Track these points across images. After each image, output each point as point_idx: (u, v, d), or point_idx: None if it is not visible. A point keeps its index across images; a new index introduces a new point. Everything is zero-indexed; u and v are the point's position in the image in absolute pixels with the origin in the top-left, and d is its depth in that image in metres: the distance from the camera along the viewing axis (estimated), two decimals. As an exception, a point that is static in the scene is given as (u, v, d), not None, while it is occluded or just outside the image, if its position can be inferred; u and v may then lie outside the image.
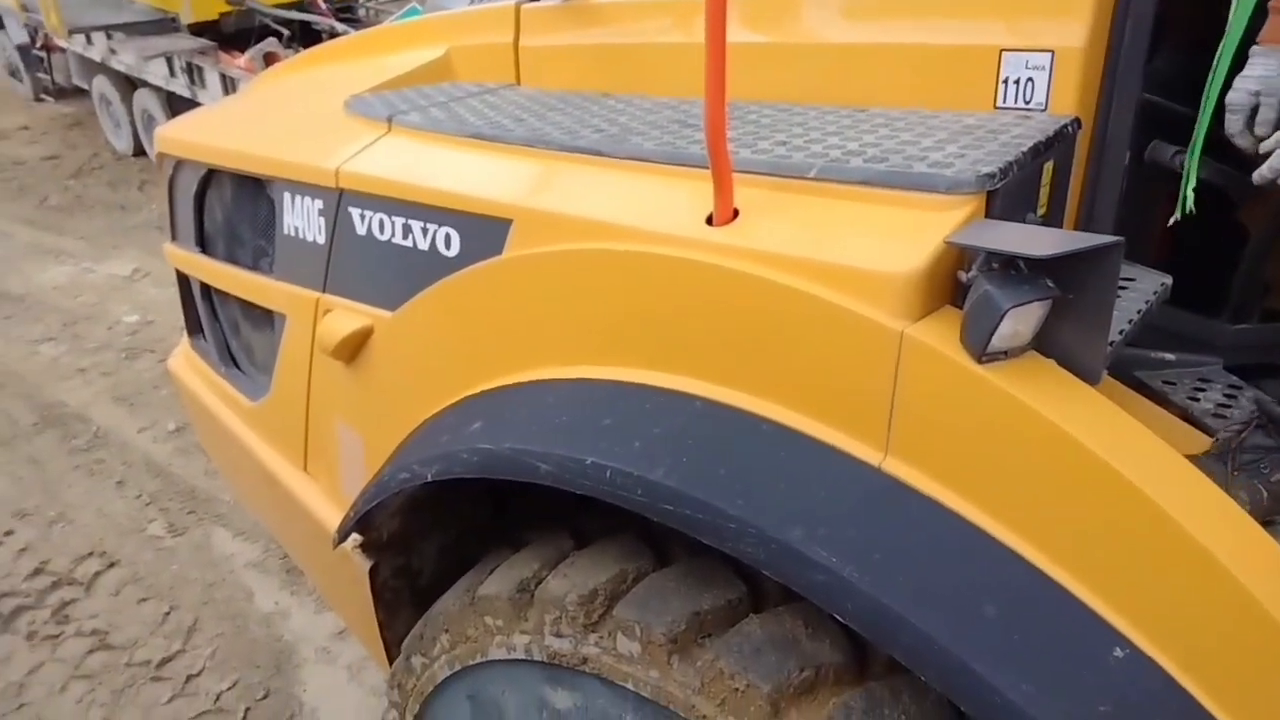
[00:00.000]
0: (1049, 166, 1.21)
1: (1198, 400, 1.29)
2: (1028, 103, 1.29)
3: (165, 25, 6.86)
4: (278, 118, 2.02)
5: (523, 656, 1.27)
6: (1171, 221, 1.20)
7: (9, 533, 3.57)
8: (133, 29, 6.97)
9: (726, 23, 1.04)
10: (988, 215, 1.08)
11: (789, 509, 1.02)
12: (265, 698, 2.80)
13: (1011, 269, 0.97)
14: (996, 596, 0.95)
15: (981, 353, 0.95)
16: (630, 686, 1.14)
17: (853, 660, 1.08)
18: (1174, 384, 1.40)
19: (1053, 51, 1.26)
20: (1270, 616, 0.89)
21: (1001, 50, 1.31)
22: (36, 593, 3.27)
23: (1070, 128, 1.25)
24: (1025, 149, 1.15)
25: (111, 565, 3.41)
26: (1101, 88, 1.27)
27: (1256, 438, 1.17)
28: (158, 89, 7.06)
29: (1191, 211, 1.21)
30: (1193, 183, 1.06)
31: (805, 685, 1.04)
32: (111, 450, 4.13)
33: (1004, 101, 1.31)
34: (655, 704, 1.12)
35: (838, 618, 0.97)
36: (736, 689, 1.05)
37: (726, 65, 1.05)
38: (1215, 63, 1.02)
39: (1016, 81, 1.30)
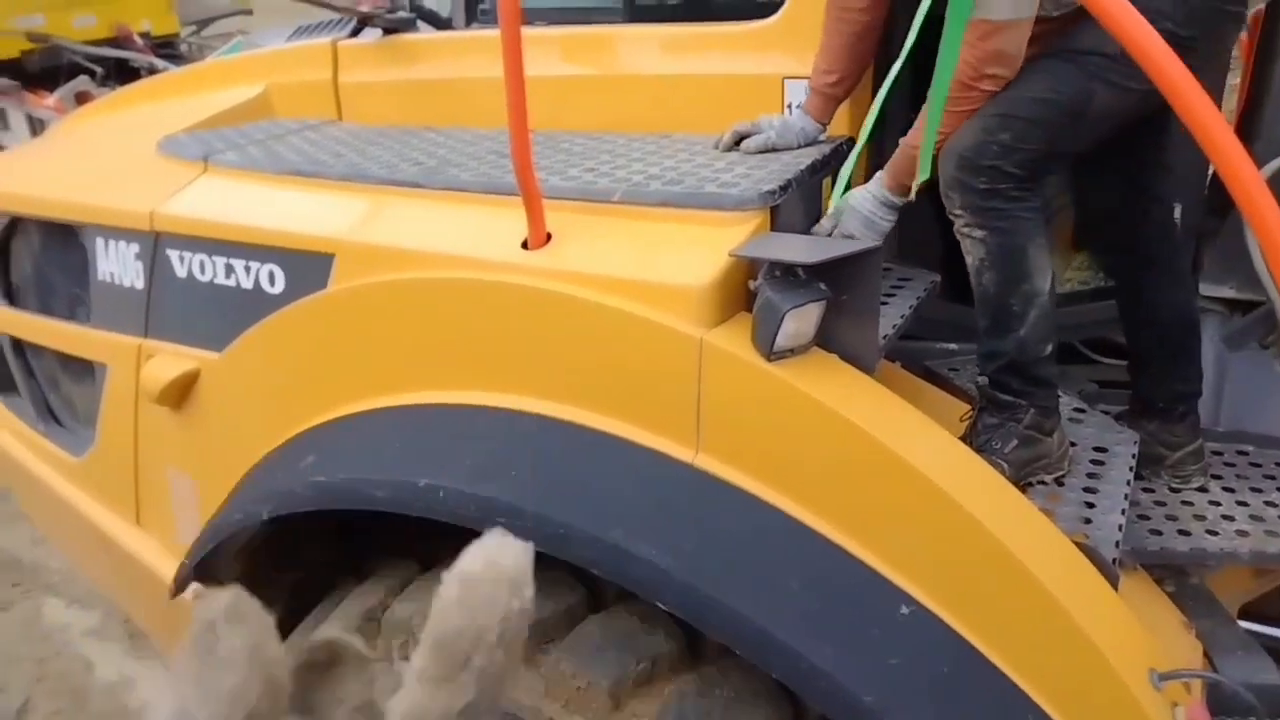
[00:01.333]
0: (827, 181, 1.37)
1: (977, 384, 1.47)
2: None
3: (-41, 64, 6.34)
4: (87, 161, 1.96)
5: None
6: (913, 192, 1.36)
7: None
8: (-78, 69, 6.41)
9: (523, 57, 1.12)
10: (773, 228, 1.22)
11: (611, 510, 1.10)
12: (113, 775, 2.64)
13: (791, 275, 1.09)
14: (798, 572, 1.07)
15: (769, 351, 1.07)
16: (479, 697, 1.19)
17: (685, 648, 1.17)
18: (958, 370, 1.59)
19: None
20: (1023, 566, 1.04)
21: (784, 79, 1.47)
22: None
23: (844, 146, 1.41)
24: (804, 167, 1.29)
25: (-78, 654, 3.12)
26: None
27: (984, 418, 1.35)
28: (-47, 132, 6.52)
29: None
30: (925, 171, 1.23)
31: (643, 677, 1.12)
32: (-83, 527, 3.78)
33: (793, 122, 1.46)
34: (505, 712, 1.17)
35: (662, 607, 1.06)
36: (579, 688, 1.12)
37: (526, 98, 1.13)
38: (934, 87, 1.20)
39: (800, 106, 1.46)
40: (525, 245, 1.23)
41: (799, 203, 1.28)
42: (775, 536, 1.08)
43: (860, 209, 1.28)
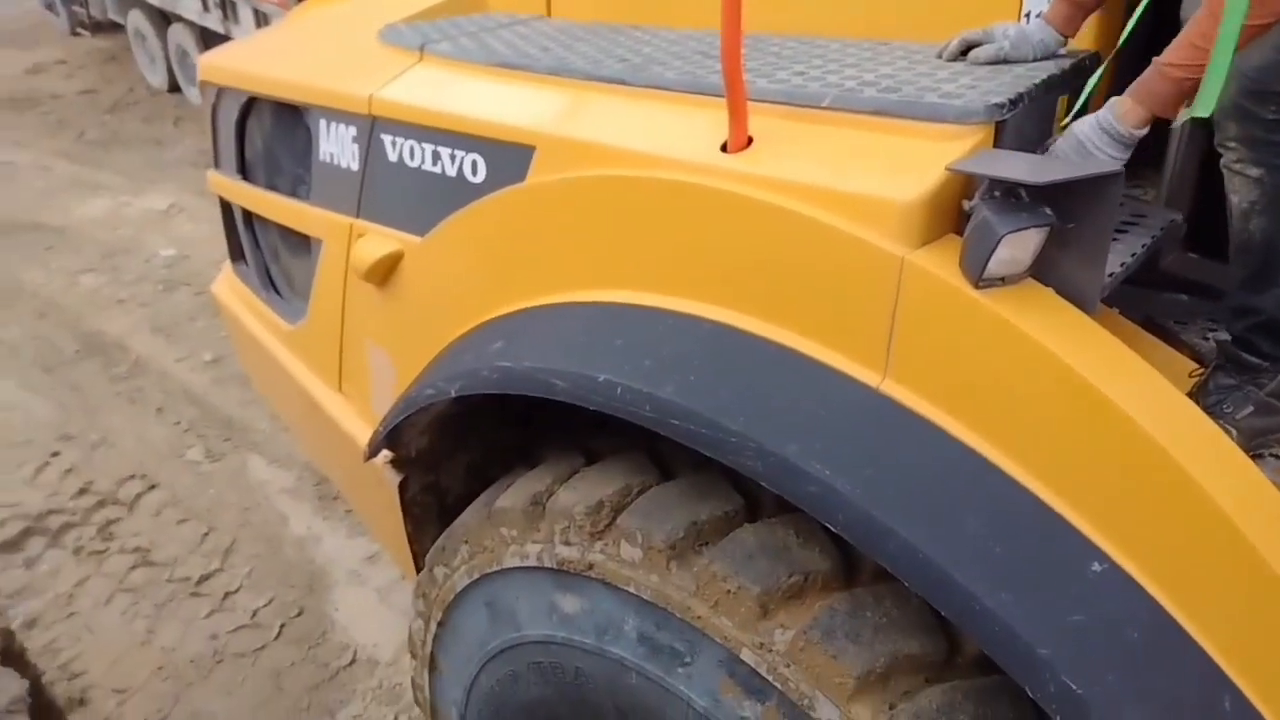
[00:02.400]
0: (1064, 101, 1.25)
1: (1207, 340, 1.33)
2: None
3: (195, -43, 6.92)
4: (315, 47, 2.09)
5: (534, 564, 1.38)
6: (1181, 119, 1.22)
7: (55, 454, 3.78)
8: (168, -39, 7.05)
9: None
10: (996, 146, 1.13)
11: (788, 425, 1.09)
12: (299, 615, 2.98)
13: (1012, 197, 1.02)
14: (981, 511, 1.03)
15: (978, 278, 1.01)
16: (632, 590, 1.24)
17: (840, 568, 1.17)
18: (1185, 324, 1.45)
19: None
20: (1245, 539, 0.95)
21: (1026, -23, 1.35)
22: (82, 511, 3.47)
23: (1088, 62, 1.28)
24: (1038, 82, 1.19)
25: (152, 488, 3.60)
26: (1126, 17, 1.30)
27: (1220, 378, 1.21)
28: (191, 24, 7.15)
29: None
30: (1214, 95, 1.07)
31: (794, 590, 1.13)
32: (150, 378, 4.32)
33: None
34: (654, 606, 1.21)
35: (829, 527, 1.06)
36: (729, 590, 1.14)
37: None
38: None
39: (1040, 15, 1.33)
40: (724, 148, 1.22)
41: (1029, 121, 1.18)
42: (961, 472, 1.04)
43: (1083, 138, 1.16)
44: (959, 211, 1.08)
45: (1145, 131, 1.14)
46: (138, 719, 2.64)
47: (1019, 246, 1.01)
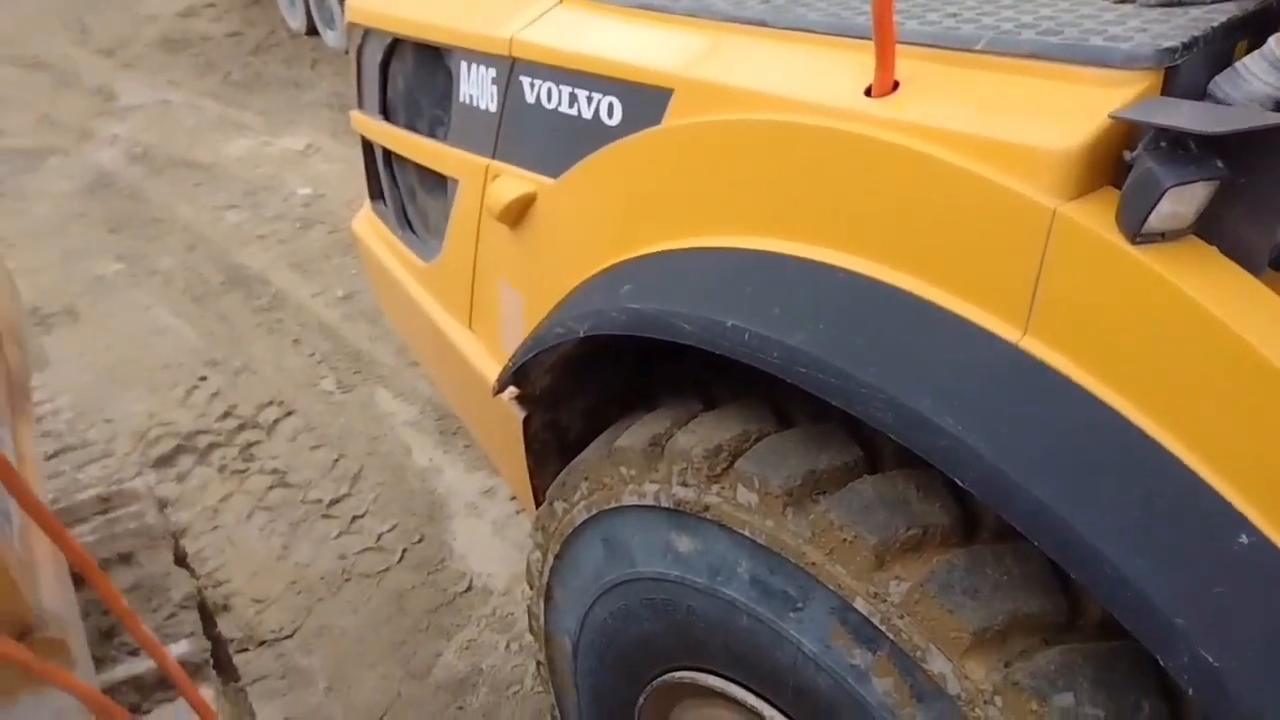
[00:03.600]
0: (1242, 47, 1.17)
1: None
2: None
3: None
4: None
5: (651, 503, 1.42)
6: None
7: (203, 378, 4.10)
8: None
9: None
10: (1164, 94, 1.08)
11: (921, 377, 1.09)
12: (420, 542, 3.17)
13: (1180, 148, 0.97)
14: (1121, 473, 1.00)
15: (1136, 232, 0.97)
16: (747, 534, 1.27)
17: (961, 524, 1.16)
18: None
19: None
20: None
21: (1210, -83, 1.25)
22: (226, 433, 3.77)
23: (1275, 4, 1.19)
24: (1216, 25, 1.12)
25: (289, 414, 3.87)
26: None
27: None
28: (331, -34, 7.42)
29: None
30: None
31: (912, 542, 1.14)
32: (288, 311, 4.60)
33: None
34: (768, 550, 1.24)
35: (959, 483, 1.05)
36: (845, 540, 1.15)
37: None
38: None
39: (1223, -48, 1.25)
40: (869, 92, 1.20)
41: (1204, 69, 1.11)
42: (1101, 433, 1.02)
43: (1248, 75, 1.03)
44: (1119, 163, 1.04)
45: None
46: (274, 626, 2.88)
47: (1184, 200, 0.96)
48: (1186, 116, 0.96)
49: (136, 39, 8.94)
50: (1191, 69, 1.09)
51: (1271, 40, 1.07)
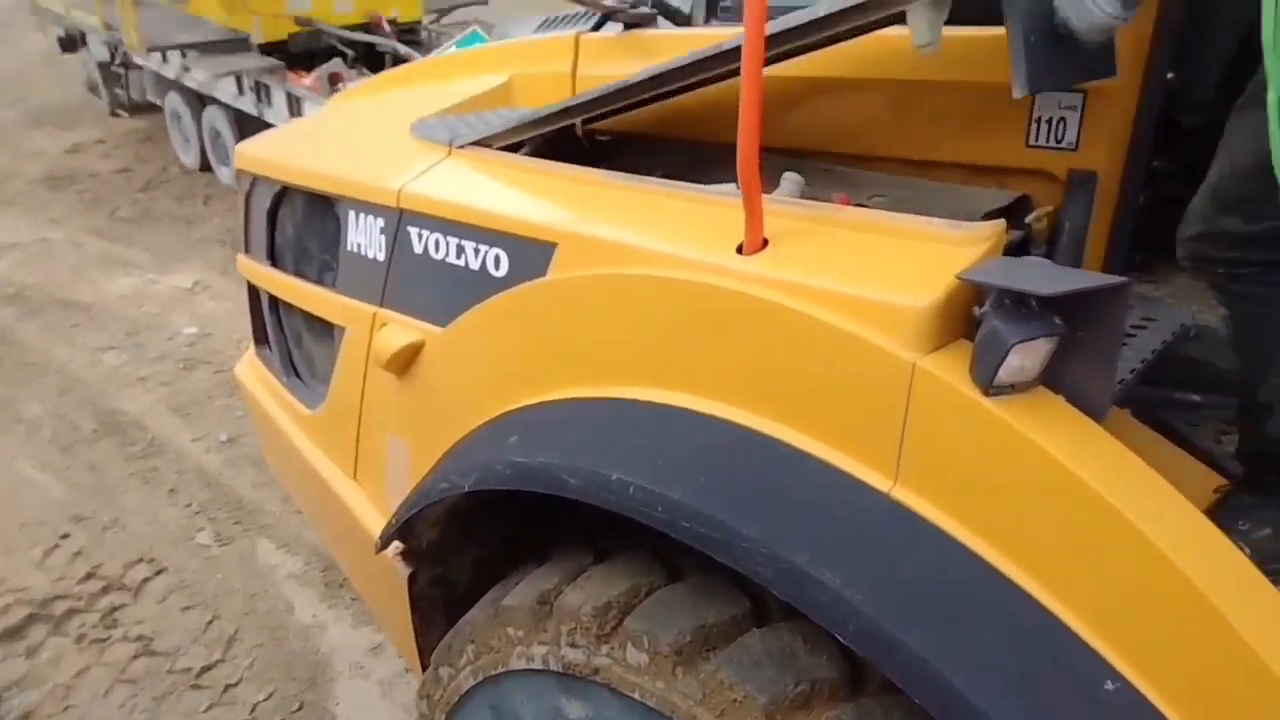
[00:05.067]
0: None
1: (1220, 443, 1.35)
2: (1059, 141, 1.39)
3: (237, 44, 7.35)
4: (348, 139, 2.23)
5: (540, 666, 1.40)
6: None
7: (65, 536, 3.86)
8: (206, 48, 7.50)
9: (764, 54, 1.17)
10: (1006, 253, 1.19)
11: (799, 531, 1.13)
12: (299, 710, 2.98)
13: (1022, 306, 1.07)
14: (993, 625, 1.05)
15: (989, 386, 1.05)
16: (638, 696, 1.25)
17: (848, 677, 1.18)
18: (1198, 426, 1.47)
19: (1084, 93, 1.37)
20: (1266, 666, 0.96)
21: (1033, 93, 1.42)
22: (88, 596, 3.52)
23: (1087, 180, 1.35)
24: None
25: (160, 572, 3.65)
26: (1134, 132, 1.38)
27: (1239, 496, 1.23)
28: (226, 106, 7.56)
29: None
30: None
31: (800, 699, 1.14)
32: (166, 458, 4.42)
33: (1035, 140, 1.42)
34: (660, 714, 1.23)
35: (838, 637, 1.08)
36: (735, 700, 1.16)
37: (763, 96, 1.18)
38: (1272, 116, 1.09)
39: (1049, 121, 1.41)
40: (740, 249, 1.29)
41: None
42: (972, 583, 1.06)
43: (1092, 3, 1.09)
44: (970, 317, 1.14)
45: None
46: (129, 818, 2.63)
47: (1029, 355, 1.05)
48: (1025, 279, 1.07)
49: (18, 175, 8.81)
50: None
51: None
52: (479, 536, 1.79)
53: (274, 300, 2.33)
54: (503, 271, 1.58)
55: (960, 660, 1.02)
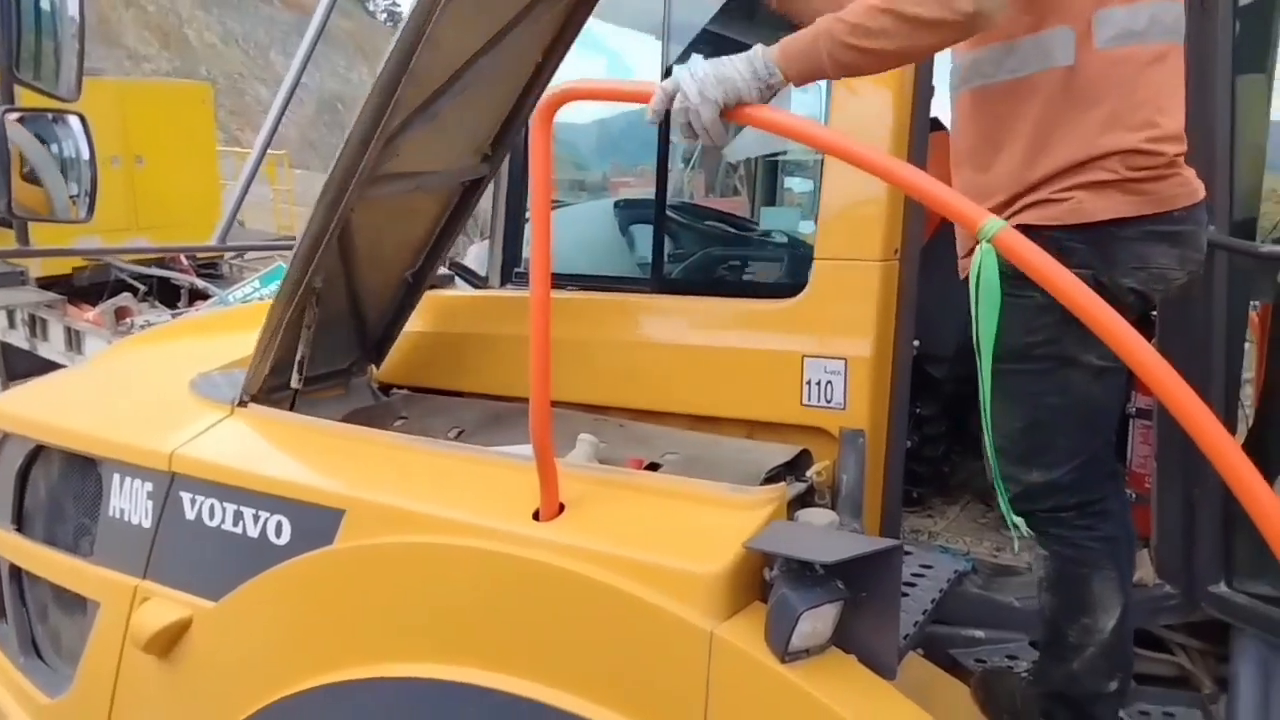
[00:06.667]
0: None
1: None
2: (828, 402, 1.49)
3: (11, 277, 6.74)
4: (119, 394, 2.04)
5: None
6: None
7: None
8: (-28, 280, 6.85)
9: (550, 322, 1.18)
10: (791, 505, 1.22)
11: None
12: None
13: (807, 571, 1.08)
14: None
15: (784, 653, 1.04)
16: None
17: None
18: (984, 661, 1.53)
19: (846, 360, 1.48)
20: None
21: (804, 356, 1.54)
22: None
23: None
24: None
25: None
26: (893, 390, 1.50)
27: None
28: (-9, 340, 6.86)
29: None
30: (1012, 515, 1.21)
31: None
32: None
33: (809, 400, 1.51)
34: None
35: None
36: None
37: (550, 365, 1.18)
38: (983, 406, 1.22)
39: (819, 383, 1.51)
40: (536, 516, 1.25)
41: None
42: None
43: (721, 73, 1.08)
44: (762, 580, 1.14)
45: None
46: None
47: (818, 620, 1.06)
48: (806, 546, 1.09)
49: None
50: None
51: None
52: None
53: (15, 571, 2.01)
54: (285, 539, 1.44)
55: None
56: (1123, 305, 1.13)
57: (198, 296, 6.47)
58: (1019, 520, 1.20)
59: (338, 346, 1.81)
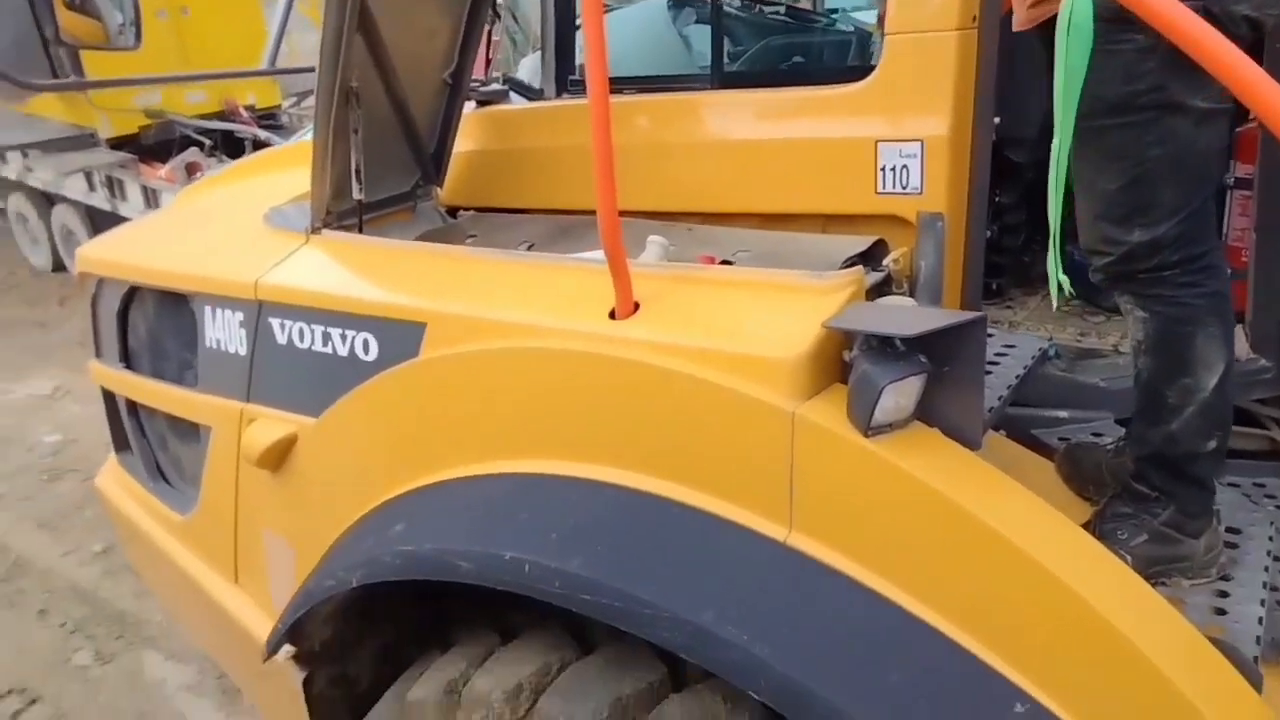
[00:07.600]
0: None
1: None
2: (904, 187, 1.42)
3: (84, 140, 6.85)
4: (199, 233, 2.08)
5: (455, 762, 1.29)
6: (1056, 307, 1.30)
7: (-80, 677, 3.41)
8: (49, 146, 6.97)
9: (610, 126, 1.13)
10: (868, 295, 1.19)
11: (700, 591, 1.07)
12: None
13: (889, 347, 1.06)
14: (900, 662, 1.02)
15: (867, 427, 1.03)
16: (562, 787, 1.16)
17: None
18: (1068, 439, 1.51)
19: (922, 141, 1.39)
20: (1158, 670, 0.96)
21: (877, 141, 1.45)
22: (-51, 742, 3.12)
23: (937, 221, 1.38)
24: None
25: (33, 702, 3.27)
26: (972, 174, 1.41)
27: (1116, 506, 1.26)
28: (77, 204, 7.05)
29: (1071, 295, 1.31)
30: (1059, 273, 1.16)
31: (727, 763, 1.08)
32: (32, 578, 4.00)
33: (884, 187, 1.44)
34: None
35: (754, 696, 1.02)
36: (662, 769, 1.08)
37: (614, 167, 1.14)
38: (1054, 164, 1.14)
39: (894, 169, 1.43)
40: (612, 315, 1.24)
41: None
42: (875, 624, 1.03)
43: None
44: (841, 362, 1.12)
45: None
46: None
47: (901, 394, 1.04)
48: (888, 322, 1.06)
49: None
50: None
51: None
52: (376, 628, 1.66)
53: (132, 405, 2.13)
54: (373, 355, 1.48)
55: (875, 703, 0.98)
56: (1237, 36, 1.02)
57: (261, 148, 6.46)
58: (1064, 279, 1.15)
59: (393, 164, 1.78)
